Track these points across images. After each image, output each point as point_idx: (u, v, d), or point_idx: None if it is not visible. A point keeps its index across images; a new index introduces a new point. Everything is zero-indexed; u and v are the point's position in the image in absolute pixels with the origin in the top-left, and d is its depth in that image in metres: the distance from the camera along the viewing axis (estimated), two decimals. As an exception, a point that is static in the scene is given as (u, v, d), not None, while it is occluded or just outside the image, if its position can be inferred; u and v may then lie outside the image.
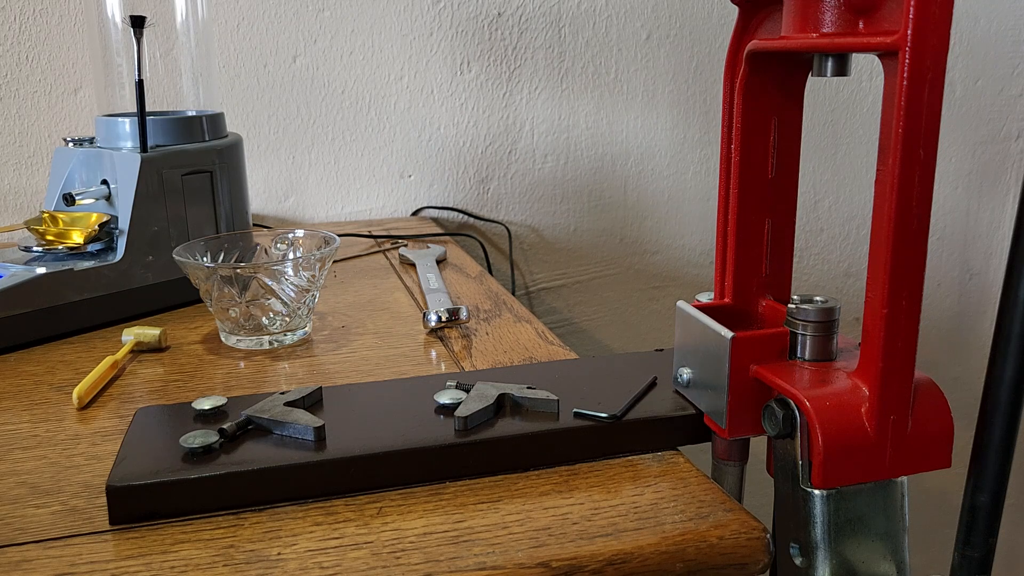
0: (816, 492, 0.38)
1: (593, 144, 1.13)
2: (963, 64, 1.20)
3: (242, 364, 0.59)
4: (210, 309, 0.62)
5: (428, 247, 0.90)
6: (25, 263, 0.67)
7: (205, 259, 0.64)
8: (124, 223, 0.69)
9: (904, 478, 0.39)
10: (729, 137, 0.45)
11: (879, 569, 0.39)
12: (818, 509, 0.38)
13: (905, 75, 0.34)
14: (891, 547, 0.39)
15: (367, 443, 0.43)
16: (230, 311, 0.61)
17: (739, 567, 0.39)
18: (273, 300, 0.61)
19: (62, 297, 0.65)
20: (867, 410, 0.37)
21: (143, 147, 0.69)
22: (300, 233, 0.68)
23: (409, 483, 0.43)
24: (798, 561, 0.39)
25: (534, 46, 1.09)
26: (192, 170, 0.72)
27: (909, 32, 0.33)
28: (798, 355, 0.41)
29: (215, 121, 0.76)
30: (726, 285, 0.47)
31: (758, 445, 0.45)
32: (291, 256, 0.67)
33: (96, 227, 0.69)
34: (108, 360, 0.57)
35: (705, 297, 0.49)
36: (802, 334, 0.41)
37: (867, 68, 1.17)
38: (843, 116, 1.18)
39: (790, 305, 0.42)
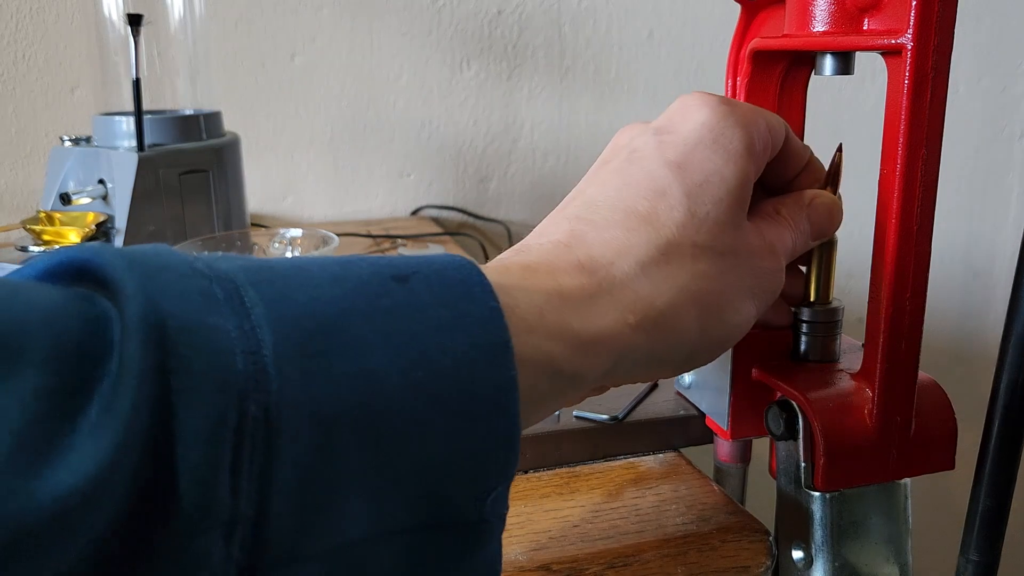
0: (819, 494, 0.38)
1: (594, 143, 1.13)
2: (967, 63, 1.19)
3: (240, 365, 0.59)
4: (208, 309, 0.62)
5: (428, 247, 0.90)
6: (22, 263, 0.66)
7: (203, 259, 0.64)
8: (121, 223, 0.68)
9: (907, 480, 0.39)
10: (731, 136, 0.45)
11: (882, 572, 0.39)
12: (821, 511, 0.38)
13: (909, 74, 0.34)
14: (894, 550, 0.39)
15: (365, 445, 0.42)
16: (228, 311, 0.60)
17: (741, 569, 0.39)
18: (271, 300, 0.61)
19: (59, 297, 0.64)
20: (870, 411, 0.37)
21: (140, 146, 0.69)
22: (298, 233, 0.67)
23: (408, 485, 0.42)
24: (800, 564, 0.39)
25: (534, 44, 1.08)
26: (189, 169, 0.71)
27: (913, 31, 0.33)
28: (801, 356, 0.41)
29: (213, 120, 0.75)
30: (728, 285, 0.47)
31: (760, 446, 0.45)
32: (289, 256, 0.67)
33: (93, 227, 0.69)
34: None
35: (706, 297, 0.49)
36: (805, 335, 0.41)
37: (870, 67, 1.17)
38: (845, 115, 1.18)
39: (793, 307, 0.41)
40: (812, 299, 0.41)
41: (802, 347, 0.41)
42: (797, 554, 0.39)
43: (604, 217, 0.31)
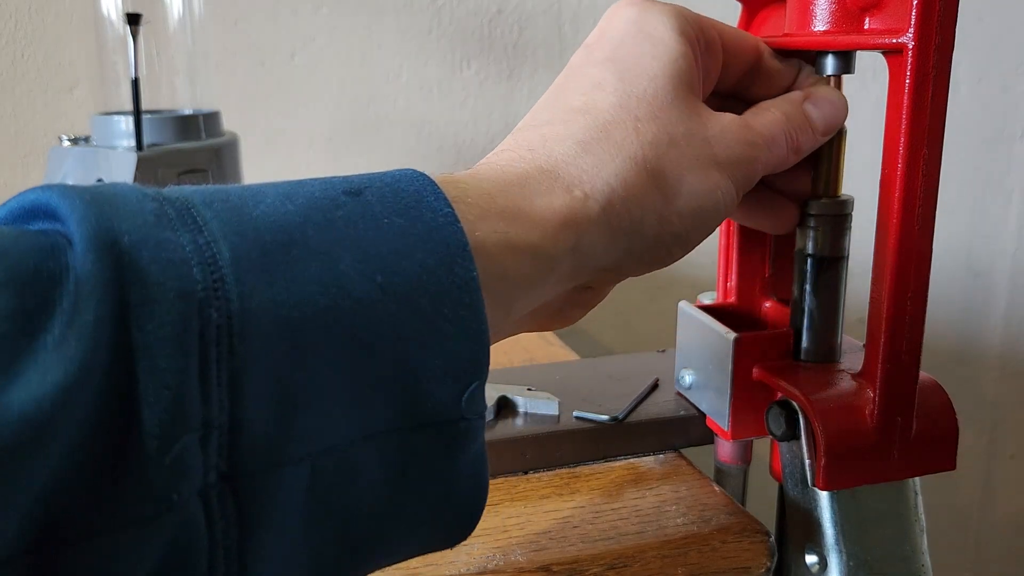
0: (828, 494, 0.38)
1: (593, 143, 1.12)
2: (967, 63, 1.19)
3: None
4: (207, 309, 0.61)
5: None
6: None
7: (202, 259, 0.64)
8: (120, 222, 0.68)
9: (917, 478, 0.39)
10: (731, 135, 0.45)
11: (898, 571, 0.38)
12: (830, 509, 0.38)
13: (910, 73, 0.34)
14: (910, 548, 0.39)
15: (365, 446, 0.42)
16: (227, 311, 0.60)
17: (742, 570, 0.38)
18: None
19: (58, 297, 0.64)
20: (871, 412, 0.37)
21: (139, 146, 0.69)
22: (298, 232, 0.67)
23: (407, 486, 0.42)
24: (815, 568, 0.39)
25: (534, 43, 1.08)
26: (188, 169, 0.71)
27: (914, 30, 0.33)
28: (808, 251, 0.40)
29: (212, 119, 0.75)
30: (729, 286, 0.47)
31: (761, 447, 0.45)
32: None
33: (92, 226, 0.69)
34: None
35: (707, 298, 0.49)
36: (812, 229, 0.40)
37: (871, 66, 1.17)
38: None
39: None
40: (820, 192, 0.40)
41: (810, 243, 0.40)
42: (811, 558, 0.39)
43: (542, 119, 0.33)
